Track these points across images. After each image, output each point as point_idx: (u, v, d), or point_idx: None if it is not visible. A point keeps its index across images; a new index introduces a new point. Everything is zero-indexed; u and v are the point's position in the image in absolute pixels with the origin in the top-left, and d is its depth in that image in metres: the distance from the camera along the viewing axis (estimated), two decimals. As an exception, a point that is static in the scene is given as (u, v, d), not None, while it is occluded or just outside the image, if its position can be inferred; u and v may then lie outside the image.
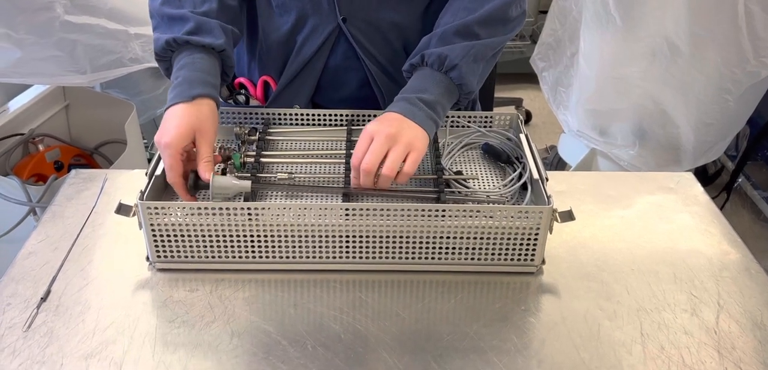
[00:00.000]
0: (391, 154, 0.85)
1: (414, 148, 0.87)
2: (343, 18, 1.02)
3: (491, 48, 0.98)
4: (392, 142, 0.85)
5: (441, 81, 0.95)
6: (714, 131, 1.83)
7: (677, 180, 1.11)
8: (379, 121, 0.89)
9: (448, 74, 0.94)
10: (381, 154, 0.85)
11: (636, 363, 0.75)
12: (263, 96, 1.12)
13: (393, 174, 0.85)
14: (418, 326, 0.79)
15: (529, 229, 0.84)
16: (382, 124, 0.87)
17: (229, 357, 0.74)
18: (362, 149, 0.86)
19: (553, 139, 2.76)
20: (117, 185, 1.05)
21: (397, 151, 0.85)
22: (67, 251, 0.90)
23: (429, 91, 0.93)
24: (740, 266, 0.91)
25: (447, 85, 0.95)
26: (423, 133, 0.89)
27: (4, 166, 1.62)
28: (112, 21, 1.65)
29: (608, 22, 1.79)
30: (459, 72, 0.94)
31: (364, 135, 0.87)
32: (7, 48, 1.51)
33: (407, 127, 0.88)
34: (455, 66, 0.94)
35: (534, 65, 2.19)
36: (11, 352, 0.74)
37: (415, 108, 0.91)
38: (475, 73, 0.97)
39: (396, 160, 0.85)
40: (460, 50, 0.94)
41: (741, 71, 1.68)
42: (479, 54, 0.96)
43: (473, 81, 0.97)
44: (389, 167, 0.85)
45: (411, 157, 0.86)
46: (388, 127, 0.86)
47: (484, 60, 0.98)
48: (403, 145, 0.86)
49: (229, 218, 0.82)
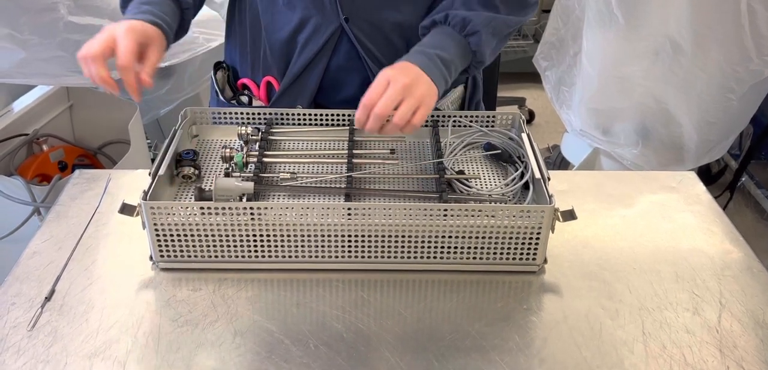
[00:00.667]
0: (405, 104, 0.86)
1: (424, 103, 0.89)
2: (346, 18, 1.02)
3: (508, 25, 1.02)
4: (407, 93, 0.87)
5: (460, 43, 0.98)
6: (717, 130, 1.83)
7: (679, 179, 1.11)
8: (398, 69, 0.90)
9: (468, 38, 0.97)
10: (395, 102, 0.86)
11: (638, 362, 0.75)
12: (266, 96, 1.13)
13: (403, 124, 0.87)
14: (420, 325, 0.79)
15: (531, 228, 0.84)
16: (401, 73, 0.88)
17: (232, 356, 0.74)
18: (377, 93, 0.87)
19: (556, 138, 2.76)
20: (120, 184, 1.05)
21: (410, 102, 0.87)
22: (71, 251, 0.90)
23: (447, 50, 0.96)
24: (742, 264, 0.91)
25: (464, 49, 0.98)
26: (435, 91, 0.92)
27: (9, 167, 1.62)
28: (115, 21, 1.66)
29: (611, 21, 1.79)
30: (478, 39, 0.97)
31: (381, 78, 0.88)
32: (11, 49, 1.52)
33: (423, 82, 0.90)
34: (476, 32, 0.97)
35: (537, 64, 2.19)
36: (16, 351, 0.74)
37: (432, 64, 0.93)
38: (490, 45, 1.01)
39: (408, 111, 0.86)
40: (483, 19, 0.97)
41: (744, 70, 1.68)
42: (498, 28, 1.00)
43: (487, 52, 1.00)
44: (401, 117, 0.86)
45: (420, 112, 0.88)
46: (406, 77, 0.88)
47: (500, 36, 1.02)
48: (416, 99, 0.88)
49: (232, 217, 0.83)
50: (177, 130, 0.99)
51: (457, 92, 1.18)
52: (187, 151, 0.99)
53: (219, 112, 1.07)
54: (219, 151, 1.03)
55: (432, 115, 1.07)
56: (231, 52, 1.18)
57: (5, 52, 1.52)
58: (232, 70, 1.18)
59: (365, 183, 0.97)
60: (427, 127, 1.08)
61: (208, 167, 1.00)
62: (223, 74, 1.17)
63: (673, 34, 1.71)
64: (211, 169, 1.00)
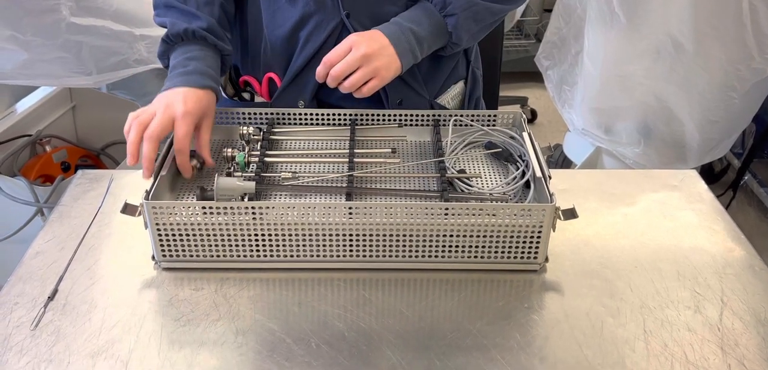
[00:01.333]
0: (358, 72, 0.94)
1: (379, 75, 0.95)
2: (347, 13, 1.02)
3: (492, 13, 1.04)
4: (365, 61, 0.93)
5: (437, 22, 1.01)
6: (719, 129, 1.83)
7: (681, 178, 1.11)
8: (365, 36, 0.96)
9: (446, 19, 1.00)
10: (351, 68, 0.94)
11: (639, 360, 0.75)
12: (268, 93, 1.13)
13: (351, 90, 0.95)
14: (421, 323, 0.79)
15: (532, 227, 0.84)
16: (365, 41, 0.95)
17: (234, 355, 0.74)
18: (338, 55, 0.94)
19: (558, 137, 2.76)
20: (123, 185, 1.06)
21: (364, 72, 0.94)
22: (74, 251, 0.91)
23: (422, 26, 1.00)
24: (744, 263, 0.91)
25: (440, 28, 1.01)
26: (397, 65, 0.97)
27: (12, 168, 1.63)
28: (118, 22, 1.66)
29: (612, 20, 1.79)
30: (456, 21, 1.00)
31: (347, 42, 0.95)
32: (14, 50, 1.52)
33: (385, 54, 0.95)
34: (454, 14, 1.00)
35: (539, 64, 2.19)
36: (19, 350, 0.75)
37: (402, 36, 0.97)
38: (470, 30, 1.03)
39: (358, 80, 0.94)
40: (464, 2, 1.00)
41: (746, 68, 1.68)
42: (479, 14, 1.02)
43: (464, 36, 1.03)
44: (350, 83, 0.94)
45: (371, 83, 0.95)
46: (368, 47, 0.94)
47: (482, 22, 1.04)
48: (372, 69, 0.94)
49: (234, 217, 0.83)
50: (179, 130, 0.99)
51: (457, 88, 1.18)
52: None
53: (221, 111, 1.08)
54: (221, 151, 1.03)
55: (433, 114, 1.07)
56: (233, 50, 1.18)
57: (8, 53, 1.52)
58: (234, 67, 1.18)
59: (366, 182, 0.97)
60: (429, 126, 1.08)
61: (210, 167, 1.00)
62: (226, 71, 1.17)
63: (674, 32, 1.71)
64: (213, 168, 1.00)
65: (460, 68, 1.19)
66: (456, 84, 1.18)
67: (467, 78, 1.20)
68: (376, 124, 1.07)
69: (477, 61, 1.25)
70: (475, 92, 1.23)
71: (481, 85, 1.26)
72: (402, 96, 1.09)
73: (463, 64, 1.20)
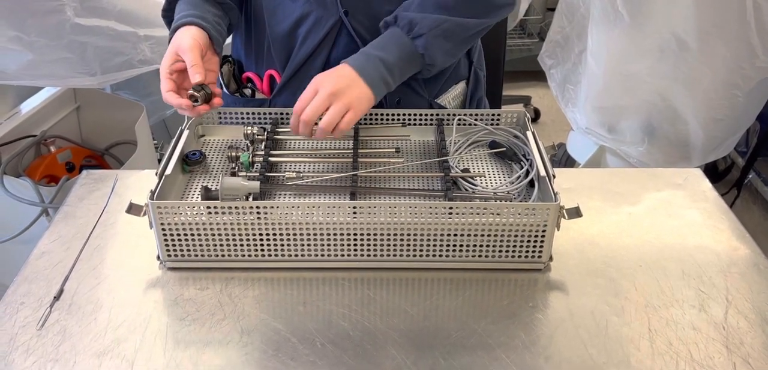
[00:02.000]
0: (331, 110, 0.90)
1: (353, 107, 0.91)
2: (345, 11, 1.02)
3: (466, 28, 1.00)
4: (334, 99, 0.90)
5: (405, 46, 0.97)
6: (723, 127, 1.82)
7: (685, 176, 1.10)
8: (330, 74, 0.93)
9: (414, 41, 0.97)
10: (321, 110, 0.90)
11: (644, 359, 0.75)
12: (269, 90, 1.13)
13: (329, 130, 0.90)
14: (426, 322, 0.80)
15: (537, 226, 0.84)
16: (330, 79, 0.92)
17: (239, 354, 0.75)
18: (306, 99, 0.91)
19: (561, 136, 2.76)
20: (128, 185, 1.06)
21: (337, 108, 0.90)
22: (79, 251, 0.91)
23: (390, 52, 0.96)
24: (749, 261, 0.91)
25: (410, 52, 0.97)
26: (369, 95, 0.93)
27: (17, 168, 1.63)
28: (122, 23, 1.67)
29: (616, 18, 1.79)
30: (425, 41, 0.97)
31: (312, 84, 0.92)
32: (19, 51, 1.52)
33: (354, 86, 0.92)
34: (422, 35, 0.96)
35: (542, 63, 2.19)
36: (25, 350, 0.75)
37: (370, 66, 0.94)
38: (442, 48, 0.99)
39: (333, 118, 0.90)
40: (431, 21, 0.97)
41: (750, 66, 1.67)
42: (450, 31, 0.98)
43: (438, 55, 0.99)
44: (325, 123, 0.90)
45: (347, 117, 0.91)
46: (334, 84, 0.91)
47: (455, 38, 1.00)
48: (343, 104, 0.90)
49: (239, 216, 0.83)
50: (183, 130, 1.00)
51: (458, 88, 1.18)
52: (193, 152, 1.00)
53: (225, 112, 1.08)
54: (225, 151, 1.04)
55: (437, 113, 1.07)
56: (237, 46, 1.19)
57: (12, 54, 1.53)
58: (238, 63, 1.19)
59: (370, 182, 0.97)
60: (432, 126, 1.08)
61: (215, 167, 1.01)
62: (229, 68, 1.18)
63: (678, 31, 1.71)
64: (218, 168, 1.00)
65: (461, 68, 1.18)
66: (457, 84, 1.18)
67: (469, 78, 1.20)
68: (380, 123, 1.07)
69: (480, 61, 1.24)
70: (477, 93, 1.22)
71: (484, 85, 1.26)
72: (400, 95, 1.09)
73: (465, 65, 1.20)
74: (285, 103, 1.10)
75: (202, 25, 0.96)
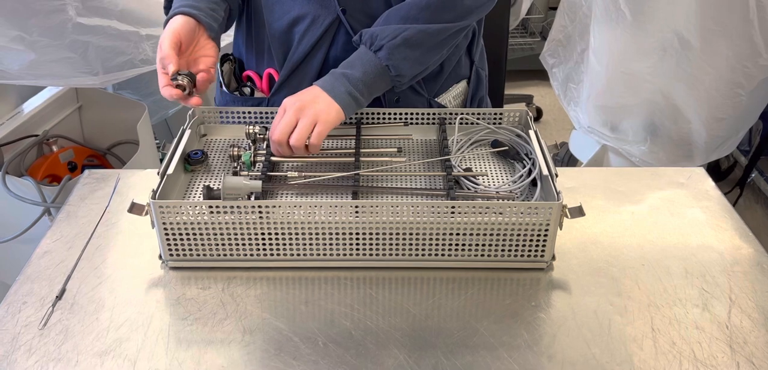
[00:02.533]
0: (299, 125, 0.91)
1: (321, 120, 0.92)
2: (343, 9, 1.02)
3: (431, 35, 0.99)
4: (300, 114, 0.91)
5: (370, 60, 0.98)
6: (726, 126, 1.82)
7: (688, 175, 1.10)
8: (296, 95, 0.94)
9: (377, 54, 0.97)
10: (290, 126, 0.91)
11: (647, 358, 0.74)
12: (268, 88, 1.13)
13: (300, 144, 0.91)
14: (428, 322, 0.79)
15: (539, 225, 0.84)
16: (296, 97, 0.94)
17: (241, 354, 0.75)
18: (276, 121, 0.93)
19: (564, 135, 2.75)
20: (130, 184, 1.06)
21: (304, 123, 0.91)
22: (82, 250, 0.91)
23: (355, 67, 0.97)
24: (752, 260, 0.91)
25: (376, 65, 0.97)
26: (336, 109, 0.94)
27: (19, 168, 1.63)
28: (124, 23, 1.67)
29: (618, 17, 1.78)
30: (387, 53, 0.97)
31: (281, 107, 0.94)
32: (21, 50, 1.53)
33: (321, 101, 0.93)
34: (382, 46, 0.97)
35: (544, 62, 2.19)
36: (27, 349, 0.75)
37: (336, 83, 0.95)
38: (408, 58, 0.98)
39: (302, 132, 0.91)
40: (390, 32, 0.97)
41: (753, 65, 1.67)
42: (413, 39, 0.97)
43: (404, 65, 0.98)
44: (296, 138, 0.91)
45: (316, 129, 0.91)
46: (300, 100, 0.93)
47: (420, 47, 0.99)
48: (310, 118, 0.91)
49: (241, 216, 0.83)
50: (185, 129, 1.00)
51: (459, 87, 1.18)
52: (195, 151, 1.00)
53: (227, 111, 1.08)
54: (227, 150, 1.04)
55: (439, 112, 1.07)
56: (238, 45, 1.19)
57: (15, 54, 1.53)
58: (239, 62, 1.19)
59: (372, 181, 0.97)
60: (434, 125, 1.08)
61: (216, 166, 1.01)
62: (230, 66, 1.18)
63: (680, 29, 1.70)
64: (220, 168, 1.00)
65: (462, 68, 1.18)
66: (458, 83, 1.18)
67: (470, 77, 1.20)
68: (382, 123, 1.07)
69: (482, 61, 1.24)
70: (479, 92, 1.22)
71: (486, 84, 1.26)
72: (399, 94, 1.09)
73: (466, 64, 1.19)
74: None
75: (190, 14, 0.96)
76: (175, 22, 0.95)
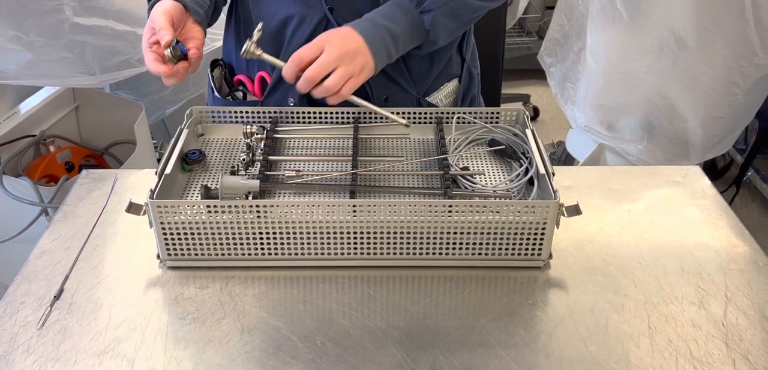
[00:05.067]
0: (336, 74, 0.87)
1: (356, 76, 0.89)
2: (330, 8, 1.02)
3: (471, 9, 1.01)
4: (341, 62, 0.88)
5: (413, 19, 0.96)
6: (722, 125, 1.83)
7: (684, 174, 1.11)
8: (338, 35, 0.90)
9: (422, 15, 0.96)
10: (327, 70, 0.87)
11: (644, 356, 0.75)
12: (260, 92, 1.13)
13: (334, 91, 0.88)
14: (426, 320, 0.80)
15: (536, 223, 0.84)
16: (337, 42, 0.89)
17: (239, 353, 0.75)
18: (311, 54, 0.88)
19: (561, 135, 2.76)
20: (127, 184, 1.06)
21: (341, 73, 0.88)
22: (79, 250, 0.91)
23: (398, 23, 0.95)
24: (748, 258, 0.91)
25: (417, 25, 0.96)
26: (372, 65, 0.91)
27: (16, 168, 1.63)
28: (120, 22, 1.67)
29: (615, 16, 1.79)
30: (432, 17, 0.96)
31: (317, 42, 0.89)
32: (18, 50, 1.53)
33: (361, 53, 0.90)
34: (430, 10, 0.96)
35: (541, 61, 2.19)
36: (26, 349, 0.75)
37: (377, 35, 0.92)
38: (447, 27, 0.99)
39: (341, 79, 0.87)
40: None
41: (749, 64, 1.68)
42: (457, 10, 0.99)
43: (442, 33, 0.99)
44: (333, 83, 0.87)
45: (350, 83, 0.89)
46: (343, 47, 0.88)
47: (460, 19, 1.00)
48: (348, 71, 0.88)
49: (239, 215, 0.83)
50: (183, 129, 1.00)
51: (450, 86, 1.17)
52: (193, 151, 1.00)
53: (224, 111, 1.08)
54: (225, 149, 1.04)
55: (436, 112, 1.07)
56: (228, 49, 1.19)
57: (12, 54, 1.53)
58: (229, 67, 1.18)
59: (370, 180, 0.97)
60: (432, 124, 1.08)
61: (214, 166, 1.01)
62: (220, 72, 1.17)
63: (677, 29, 1.71)
64: (217, 167, 1.00)
65: (453, 66, 1.17)
66: (449, 82, 1.17)
67: (461, 76, 1.19)
68: (380, 122, 1.08)
69: (474, 60, 1.23)
70: (471, 91, 1.22)
71: (478, 83, 1.25)
72: (387, 93, 1.09)
73: (458, 63, 1.18)
74: (277, 103, 1.10)
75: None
76: (163, 4, 0.94)
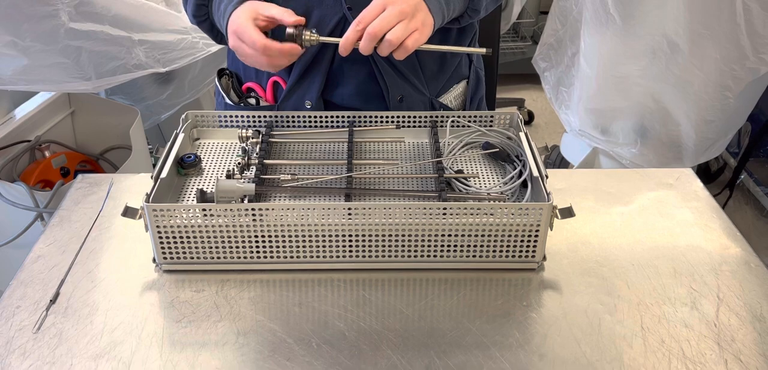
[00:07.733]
0: (402, 25, 0.87)
1: (420, 30, 0.89)
2: (349, 7, 1.02)
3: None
4: (404, 17, 0.88)
5: None
6: (715, 128, 1.84)
7: (677, 176, 1.11)
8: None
9: None
10: (390, 25, 0.87)
11: (637, 356, 0.75)
12: (273, 97, 1.13)
13: (398, 43, 0.87)
14: (421, 323, 0.80)
15: (530, 226, 0.85)
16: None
17: (235, 356, 0.75)
18: (373, 13, 0.88)
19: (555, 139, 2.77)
20: (123, 188, 1.06)
21: (407, 25, 0.87)
22: (75, 254, 0.91)
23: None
24: (740, 260, 0.92)
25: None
26: (431, 22, 0.91)
27: (12, 173, 1.63)
28: (116, 28, 1.67)
29: (608, 21, 1.80)
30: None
31: (379, 1, 0.88)
32: (13, 56, 1.53)
33: (422, 11, 0.90)
34: None
35: (536, 65, 2.20)
36: (22, 353, 0.75)
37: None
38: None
39: (404, 32, 0.87)
40: None
41: (740, 68, 1.69)
42: None
43: (483, 3, 1.02)
44: (396, 35, 0.86)
45: (414, 36, 0.88)
46: (403, 4, 0.88)
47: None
48: (413, 24, 0.88)
49: (234, 219, 0.83)
50: (178, 133, 1.00)
51: (460, 88, 1.18)
52: (188, 155, 1.00)
53: (223, 115, 1.08)
54: (220, 153, 1.04)
55: (431, 115, 1.08)
56: (234, 59, 1.18)
57: (7, 59, 1.53)
58: (236, 75, 1.18)
59: (365, 183, 0.98)
60: (426, 128, 1.09)
61: (210, 170, 1.01)
62: (227, 80, 1.18)
63: (669, 33, 1.72)
64: (213, 171, 1.01)
65: (462, 68, 1.19)
66: (458, 83, 1.19)
67: (469, 78, 1.21)
68: (374, 125, 1.08)
69: (480, 61, 1.25)
70: (479, 92, 1.23)
71: (484, 85, 1.27)
72: (403, 93, 1.09)
73: (466, 64, 1.20)
74: (293, 107, 1.09)
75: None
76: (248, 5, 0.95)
